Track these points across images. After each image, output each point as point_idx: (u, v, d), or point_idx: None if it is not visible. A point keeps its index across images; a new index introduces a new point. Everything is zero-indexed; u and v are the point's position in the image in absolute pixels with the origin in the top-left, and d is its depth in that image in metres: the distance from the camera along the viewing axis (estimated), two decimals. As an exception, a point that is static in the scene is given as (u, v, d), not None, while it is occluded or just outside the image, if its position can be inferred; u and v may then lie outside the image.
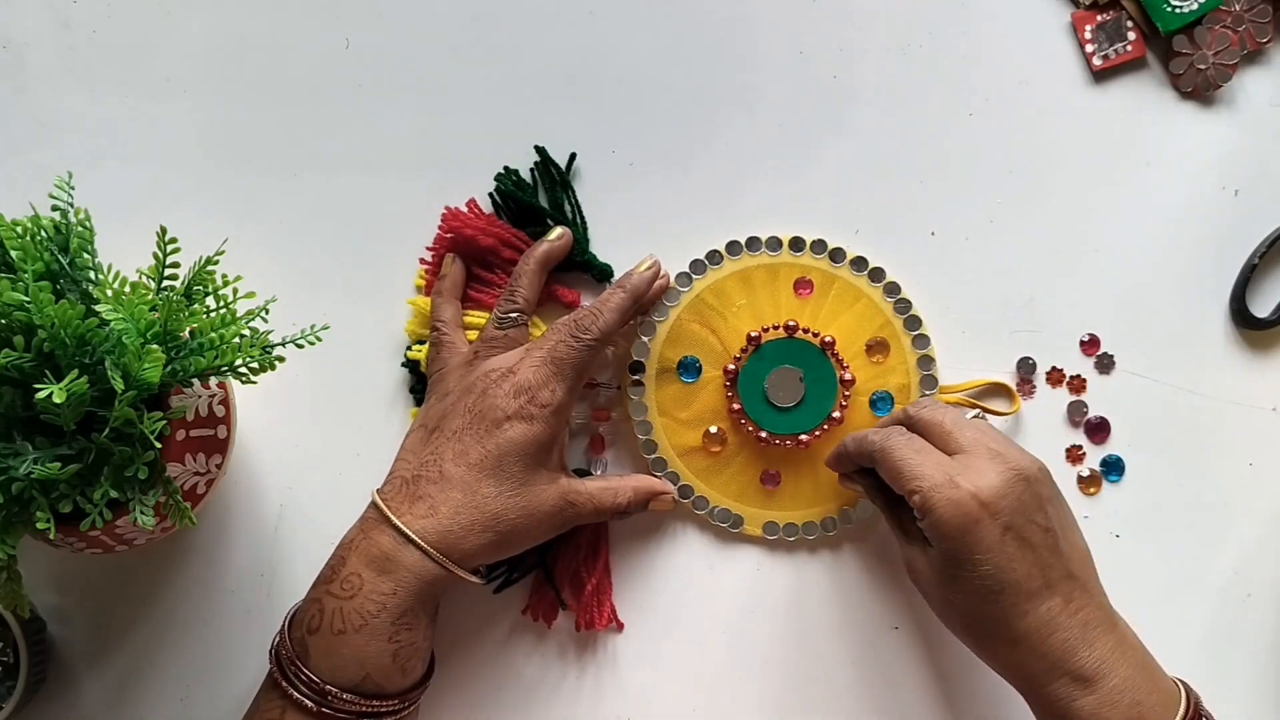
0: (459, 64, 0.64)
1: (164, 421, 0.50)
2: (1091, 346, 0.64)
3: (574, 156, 0.64)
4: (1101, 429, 0.64)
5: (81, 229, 0.54)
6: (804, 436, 0.61)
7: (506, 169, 0.64)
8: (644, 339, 0.62)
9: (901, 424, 0.58)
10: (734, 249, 0.63)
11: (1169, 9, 0.63)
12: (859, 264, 0.63)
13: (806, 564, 0.64)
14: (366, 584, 0.53)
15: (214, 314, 0.53)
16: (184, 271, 0.54)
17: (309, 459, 0.64)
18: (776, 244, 0.63)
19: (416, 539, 0.54)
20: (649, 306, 0.62)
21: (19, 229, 0.51)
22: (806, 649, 0.63)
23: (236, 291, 0.54)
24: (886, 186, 0.64)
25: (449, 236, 0.63)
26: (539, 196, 0.64)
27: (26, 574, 0.54)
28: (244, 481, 0.64)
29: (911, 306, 0.63)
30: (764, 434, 0.61)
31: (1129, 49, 0.63)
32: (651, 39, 0.64)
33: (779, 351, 0.62)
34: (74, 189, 0.55)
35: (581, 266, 0.63)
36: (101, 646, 0.64)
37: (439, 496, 0.55)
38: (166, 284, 0.54)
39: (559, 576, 0.63)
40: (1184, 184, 0.64)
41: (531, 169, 0.64)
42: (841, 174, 0.64)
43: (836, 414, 0.61)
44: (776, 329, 0.62)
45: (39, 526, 0.49)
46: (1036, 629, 0.51)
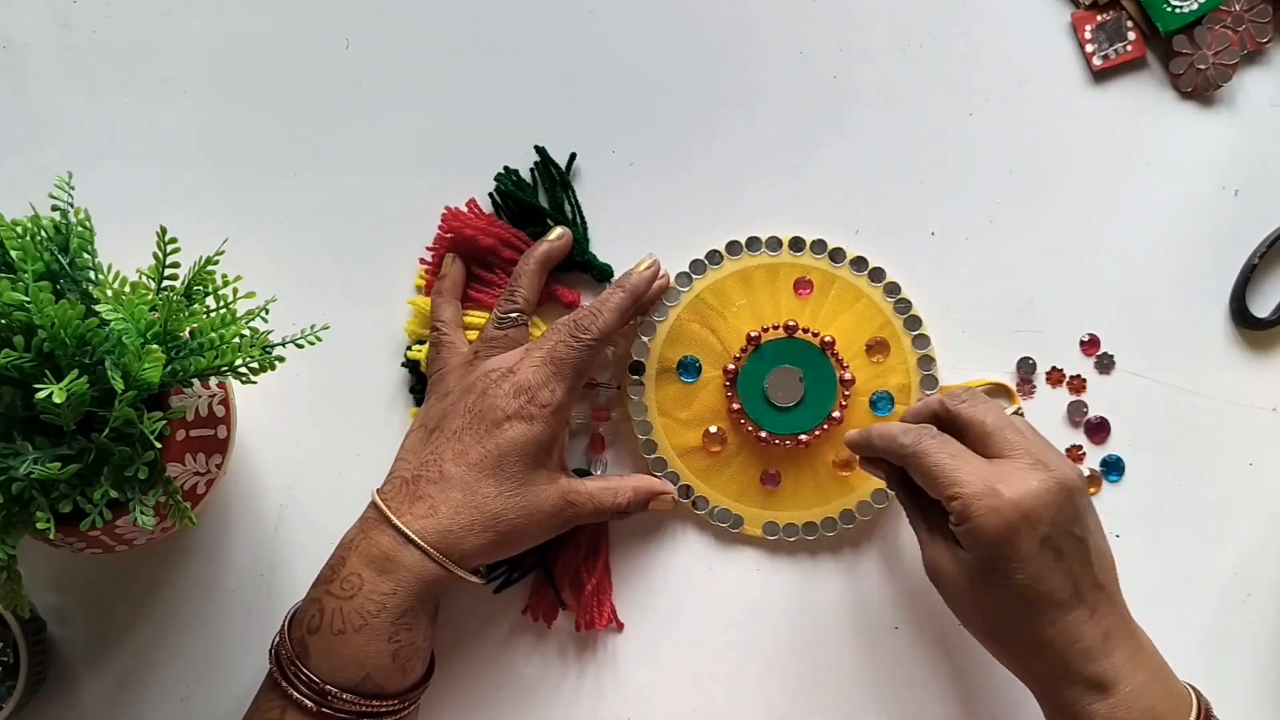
0: (459, 64, 0.64)
1: (164, 421, 0.50)
2: (1091, 346, 0.64)
3: (574, 156, 0.64)
4: (1101, 429, 0.64)
5: (81, 229, 0.54)
6: (804, 436, 0.61)
7: (506, 169, 0.64)
8: (644, 339, 0.62)
9: (936, 414, 0.56)
10: (734, 249, 0.63)
11: (1169, 9, 0.63)
12: (859, 264, 0.63)
13: (806, 564, 0.64)
14: (366, 584, 0.53)
15: (214, 314, 0.53)
16: (184, 271, 0.54)
17: (309, 459, 0.64)
18: (776, 244, 0.63)
19: (416, 539, 0.54)
20: (649, 306, 0.62)
21: (19, 229, 0.51)
22: (806, 649, 0.63)
23: (236, 291, 0.54)
24: (886, 186, 0.64)
25: (449, 236, 0.63)
26: (539, 196, 0.64)
27: (26, 574, 0.54)
28: (244, 481, 0.64)
29: (911, 306, 0.63)
30: (764, 434, 0.61)
31: (1129, 49, 0.63)
32: (651, 39, 0.64)
33: (779, 351, 0.62)
34: (74, 189, 0.55)
35: (581, 266, 0.63)
36: (101, 646, 0.64)
37: (439, 496, 0.55)
38: (166, 284, 0.54)
39: (559, 576, 0.63)
40: (1184, 184, 0.64)
41: (531, 169, 0.64)
42: (841, 174, 0.64)
43: (836, 414, 0.61)
44: (776, 329, 0.62)
45: (39, 526, 0.49)
46: (1060, 637, 0.51)
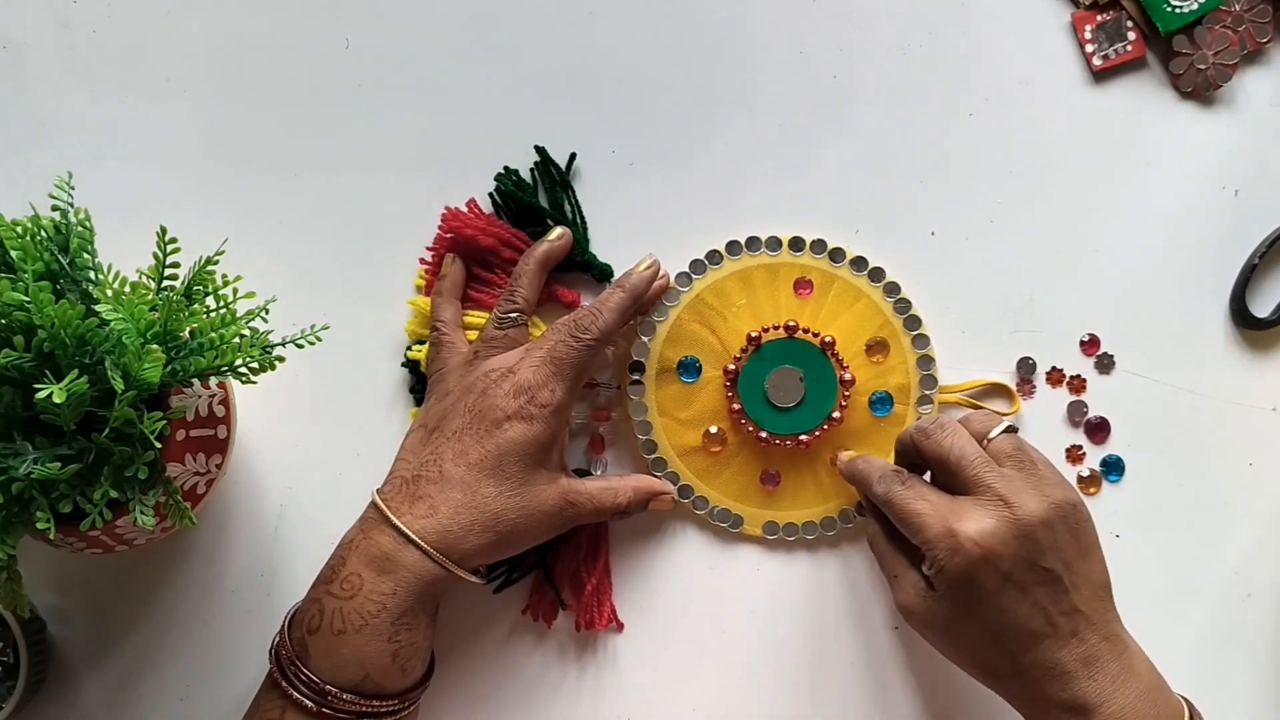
0: (459, 64, 0.64)
1: (164, 421, 0.50)
2: (1091, 346, 0.64)
3: (574, 156, 0.64)
4: (1101, 429, 0.64)
5: (81, 229, 0.54)
6: (804, 436, 0.61)
7: (506, 169, 0.64)
8: (644, 339, 0.62)
9: (909, 449, 0.57)
10: (734, 249, 0.63)
11: (1169, 9, 0.63)
12: (859, 264, 0.63)
13: (806, 564, 0.64)
14: (366, 584, 0.53)
15: (214, 314, 0.53)
16: (184, 271, 0.54)
17: (309, 459, 0.64)
18: (776, 244, 0.63)
19: (416, 539, 0.54)
20: (649, 306, 0.62)
21: (19, 229, 0.51)
22: (806, 649, 0.63)
23: (236, 291, 0.54)
24: (886, 186, 0.64)
25: (449, 236, 0.63)
26: (539, 196, 0.64)
27: (26, 574, 0.54)
28: (244, 481, 0.64)
29: (911, 306, 0.63)
30: (764, 434, 0.61)
31: (1129, 49, 0.63)
32: (651, 39, 0.64)
33: (779, 351, 0.62)
34: (74, 189, 0.55)
35: (581, 266, 0.63)
36: (101, 646, 0.64)
37: (439, 496, 0.55)
38: (166, 284, 0.54)
39: (559, 576, 0.63)
40: (1184, 184, 0.64)
41: (531, 169, 0.64)
42: (841, 174, 0.64)
43: (836, 414, 0.61)
44: (776, 329, 0.62)
45: (39, 526, 0.49)
46: (1036, 665, 0.52)
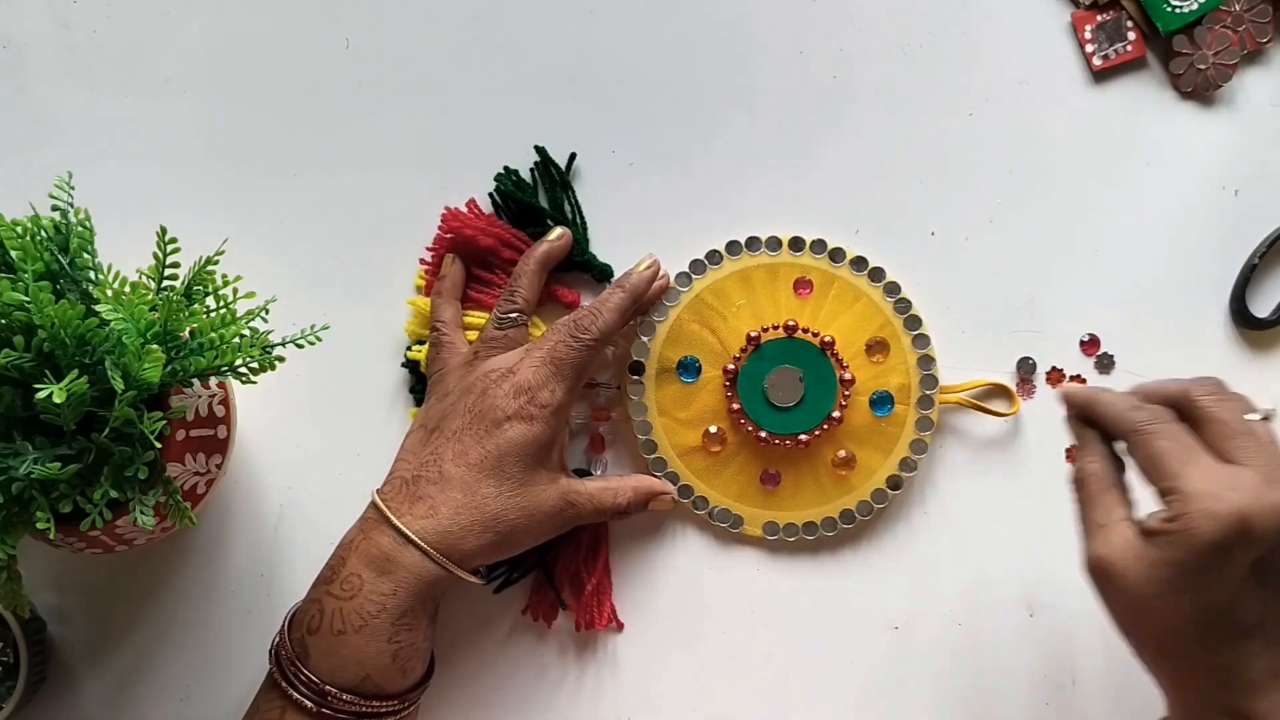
0: (459, 64, 0.64)
1: (164, 421, 0.50)
2: (1091, 346, 0.64)
3: (574, 156, 0.64)
4: (1101, 429, 0.64)
5: (81, 229, 0.54)
6: (804, 436, 0.61)
7: (506, 169, 0.64)
8: (644, 339, 0.62)
9: (1176, 400, 0.50)
10: (734, 249, 0.63)
11: (1169, 9, 0.63)
12: (859, 264, 0.63)
13: (806, 564, 0.64)
14: (366, 584, 0.53)
15: (214, 314, 0.53)
16: (184, 271, 0.54)
17: (309, 459, 0.64)
18: (776, 244, 0.63)
19: (416, 539, 0.54)
20: (649, 306, 0.62)
21: (19, 229, 0.51)
22: (806, 649, 0.63)
23: (236, 291, 0.54)
24: (886, 186, 0.64)
25: (449, 236, 0.63)
26: (539, 196, 0.64)
27: (26, 574, 0.54)
28: (244, 481, 0.64)
29: (911, 306, 0.63)
30: (764, 434, 0.61)
31: (1129, 49, 0.63)
32: (651, 39, 0.64)
33: (779, 351, 0.62)
34: (74, 189, 0.55)
35: (581, 266, 0.63)
36: (101, 646, 0.64)
37: (439, 497, 0.55)
38: (166, 284, 0.54)
39: (559, 576, 0.63)
40: (1184, 184, 0.64)
41: (531, 169, 0.64)
42: (841, 174, 0.64)
43: (836, 414, 0.61)
44: (776, 329, 0.62)
45: (39, 526, 0.49)
46: (1228, 665, 0.48)
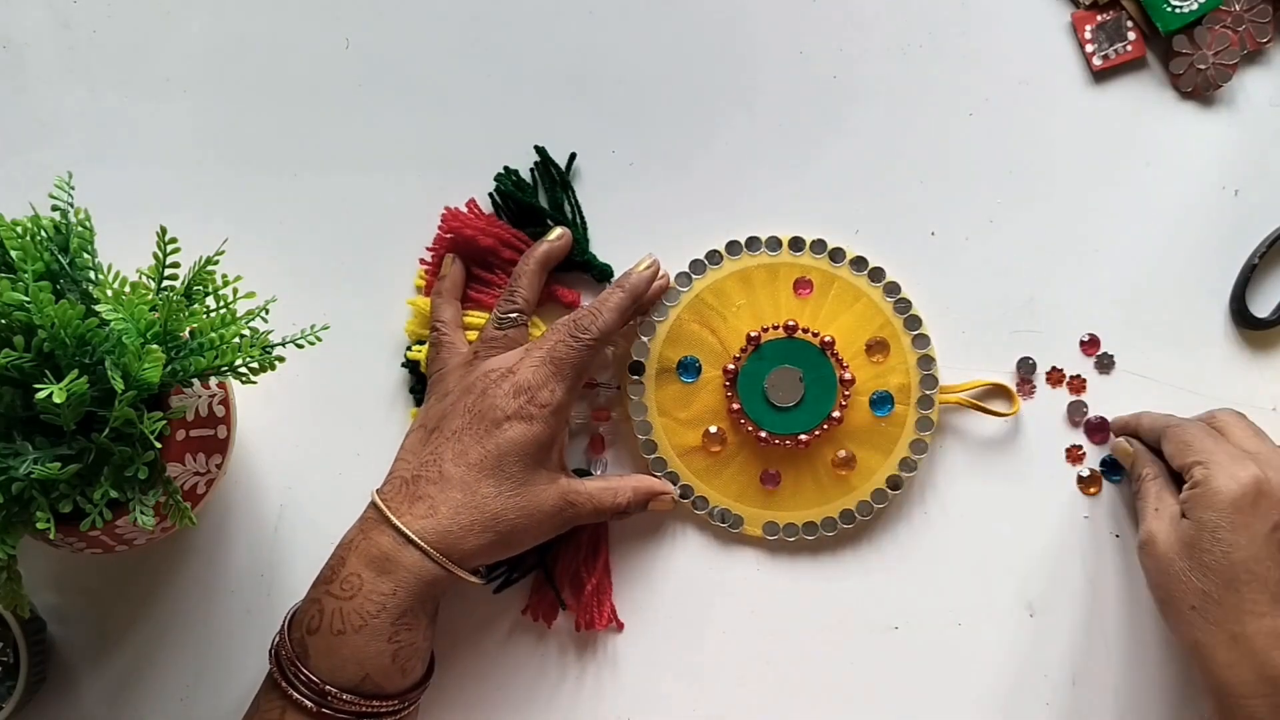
0: (459, 64, 0.64)
1: (164, 421, 0.50)
2: (1091, 346, 0.64)
3: (574, 156, 0.64)
4: (1101, 429, 0.64)
5: (81, 229, 0.54)
6: (804, 436, 0.61)
7: (506, 169, 0.64)
8: (644, 339, 0.62)
9: (1202, 421, 0.59)
10: (734, 249, 0.63)
11: (1169, 9, 0.63)
12: (859, 264, 0.63)
13: (806, 564, 0.64)
14: (366, 584, 0.53)
15: (214, 314, 0.53)
16: (184, 271, 0.54)
17: (309, 459, 0.64)
18: (776, 244, 0.63)
19: (416, 539, 0.54)
20: (649, 306, 0.62)
21: (19, 229, 0.51)
22: (806, 649, 0.63)
23: (236, 291, 0.54)
24: (886, 186, 0.64)
25: (449, 236, 0.63)
26: (539, 196, 0.64)
27: (26, 574, 0.54)
28: (244, 481, 0.64)
29: (911, 306, 0.63)
30: (764, 434, 0.61)
31: (1129, 49, 0.63)
32: (651, 39, 0.64)
33: (779, 351, 0.62)
34: (74, 189, 0.55)
35: (581, 266, 0.63)
36: (101, 646, 0.64)
37: (439, 496, 0.55)
38: (166, 284, 0.54)
39: (559, 576, 0.63)
40: (1184, 184, 0.64)
41: (531, 169, 0.64)
42: (841, 174, 0.64)
43: (836, 414, 0.61)
44: (776, 329, 0.62)
45: (39, 526, 0.49)
46: (1263, 635, 0.50)
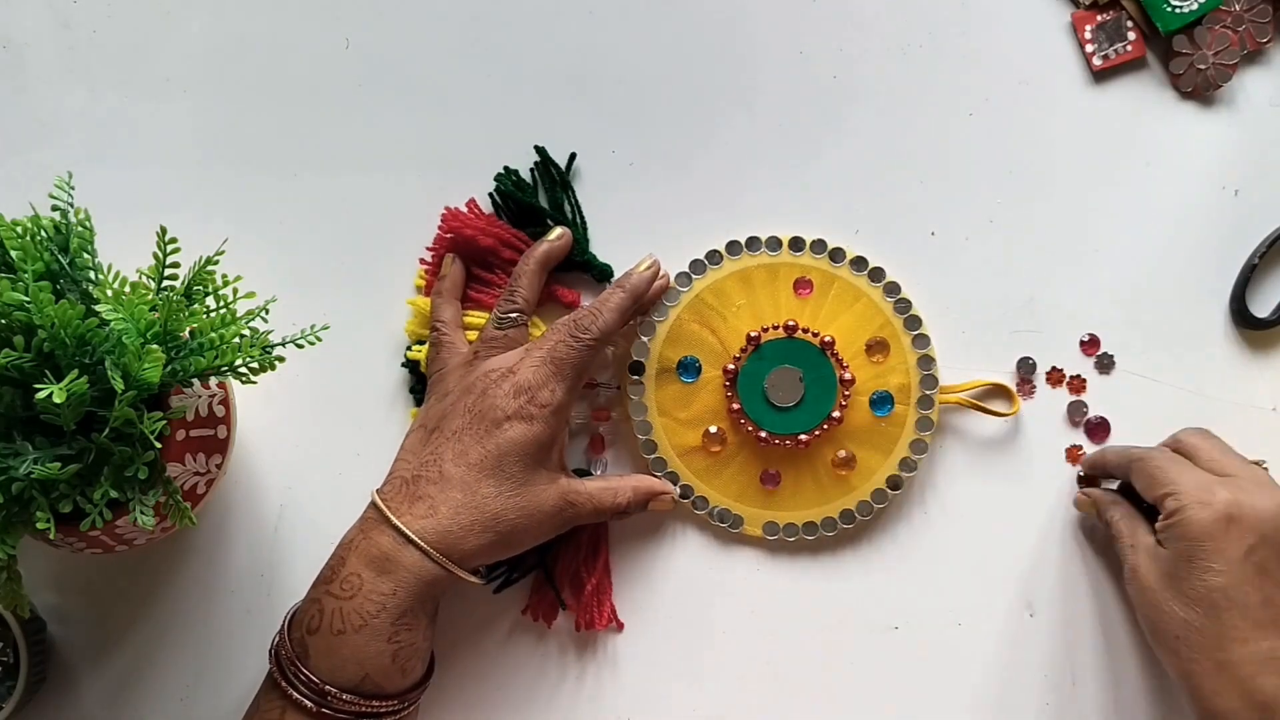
0: (459, 64, 0.64)
1: (164, 421, 0.50)
2: (1091, 346, 0.64)
3: (574, 156, 0.64)
4: (1101, 429, 0.64)
5: (81, 229, 0.54)
6: (804, 436, 0.61)
7: (506, 169, 0.64)
8: (644, 339, 0.62)
9: (1168, 445, 0.60)
10: (734, 249, 0.63)
11: (1169, 9, 0.63)
12: (859, 264, 0.63)
13: (806, 564, 0.64)
14: (366, 584, 0.53)
15: (214, 314, 0.53)
16: (184, 271, 0.54)
17: (309, 459, 0.64)
18: (776, 244, 0.63)
19: (416, 539, 0.54)
20: (649, 306, 0.62)
21: (19, 229, 0.51)
22: (806, 649, 0.63)
23: (236, 291, 0.54)
24: (886, 186, 0.64)
25: (449, 236, 0.63)
26: (539, 196, 0.64)
27: (26, 574, 0.54)
28: (244, 481, 0.64)
29: (911, 306, 0.63)
30: (764, 434, 0.61)
31: (1129, 49, 0.63)
32: (651, 39, 0.64)
33: (779, 351, 0.62)
34: (74, 189, 0.55)
35: (581, 266, 0.63)
36: (101, 646, 0.64)
37: (439, 496, 0.55)
38: (166, 284, 0.54)
39: (559, 576, 0.63)
40: (1184, 184, 0.64)
41: (531, 169, 0.64)
42: (841, 174, 0.64)
43: (836, 414, 0.61)
44: (776, 329, 0.62)
45: (39, 526, 0.49)
46: (1247, 662, 0.51)
